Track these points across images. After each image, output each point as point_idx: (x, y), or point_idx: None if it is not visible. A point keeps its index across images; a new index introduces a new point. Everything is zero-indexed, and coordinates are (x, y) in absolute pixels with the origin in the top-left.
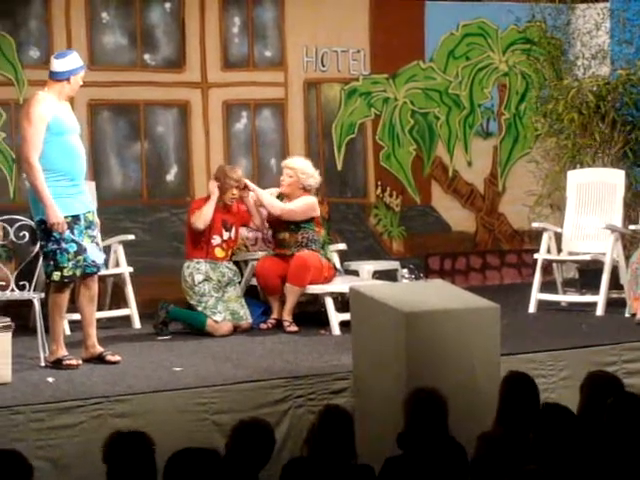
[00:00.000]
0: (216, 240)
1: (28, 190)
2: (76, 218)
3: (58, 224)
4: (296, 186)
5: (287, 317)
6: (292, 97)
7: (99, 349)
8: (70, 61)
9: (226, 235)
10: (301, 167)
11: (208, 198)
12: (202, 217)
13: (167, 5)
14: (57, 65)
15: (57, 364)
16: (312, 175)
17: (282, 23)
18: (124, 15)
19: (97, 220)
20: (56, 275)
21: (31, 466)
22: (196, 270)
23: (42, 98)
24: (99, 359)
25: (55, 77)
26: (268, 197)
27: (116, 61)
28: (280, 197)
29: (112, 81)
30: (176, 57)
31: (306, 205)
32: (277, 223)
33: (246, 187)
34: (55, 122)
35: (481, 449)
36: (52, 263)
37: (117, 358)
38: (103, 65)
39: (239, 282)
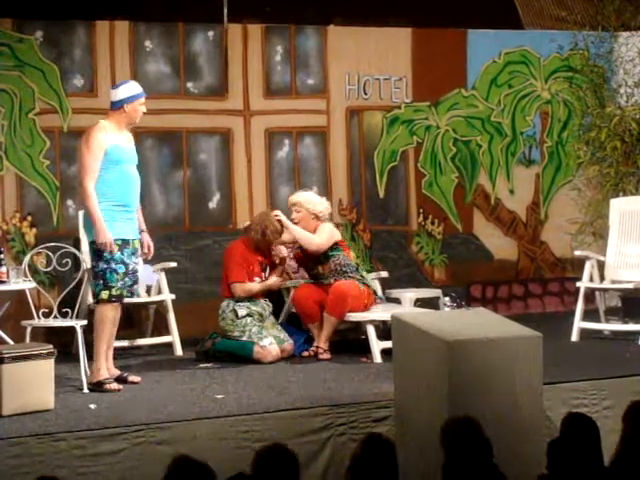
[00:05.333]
0: (257, 281)
1: (83, 213)
2: (126, 242)
3: (106, 244)
4: (308, 218)
5: (322, 345)
6: (334, 125)
7: (117, 371)
8: (123, 90)
9: (263, 275)
10: (304, 198)
11: (247, 241)
12: (247, 293)
13: (210, 33)
14: (112, 95)
15: (98, 387)
16: (319, 202)
17: (324, 51)
18: (167, 43)
19: (151, 243)
20: (104, 294)
21: None
22: (238, 306)
23: (102, 126)
24: (119, 380)
25: (111, 107)
26: (304, 234)
27: (159, 89)
28: None
29: (155, 109)
30: (219, 85)
31: (328, 234)
32: (306, 260)
33: (280, 223)
34: (113, 151)
35: None
36: (102, 282)
37: (138, 379)
38: (146, 93)
39: (272, 313)
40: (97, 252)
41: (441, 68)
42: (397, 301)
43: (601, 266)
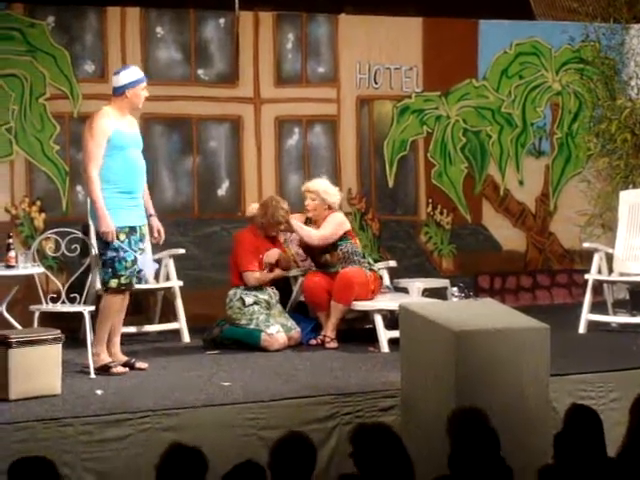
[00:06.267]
0: (265, 269)
1: (89, 201)
2: (132, 229)
3: (107, 233)
4: (321, 207)
5: (329, 333)
6: (344, 114)
7: (124, 357)
8: (124, 76)
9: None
10: (323, 187)
11: (254, 229)
12: (258, 281)
13: (221, 20)
14: (114, 81)
15: (104, 370)
16: (334, 193)
17: (336, 40)
18: (178, 30)
19: (161, 227)
20: (113, 282)
21: (59, 475)
22: (245, 294)
23: (105, 113)
24: (126, 366)
25: (113, 93)
26: (305, 230)
27: (170, 76)
28: (307, 221)
29: (165, 95)
30: (229, 72)
31: (336, 225)
32: (313, 248)
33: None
34: (116, 136)
35: None
36: (110, 270)
37: (145, 365)
38: (157, 79)
39: (278, 301)
40: (105, 240)
41: (452, 58)
42: (405, 291)
43: (609, 258)
